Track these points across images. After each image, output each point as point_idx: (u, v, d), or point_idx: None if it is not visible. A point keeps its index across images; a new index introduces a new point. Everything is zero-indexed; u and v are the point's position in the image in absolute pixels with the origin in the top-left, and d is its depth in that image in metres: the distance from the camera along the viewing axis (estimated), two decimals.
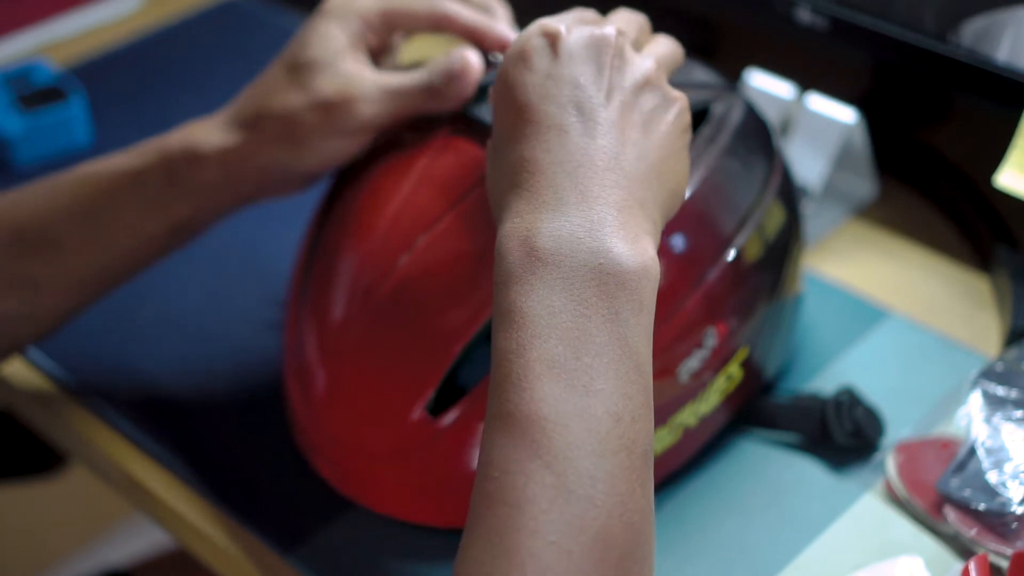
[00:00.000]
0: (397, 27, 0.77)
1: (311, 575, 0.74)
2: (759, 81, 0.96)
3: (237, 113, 0.76)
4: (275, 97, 0.75)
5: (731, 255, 0.74)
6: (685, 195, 0.67)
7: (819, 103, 0.94)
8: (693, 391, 0.74)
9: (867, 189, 0.97)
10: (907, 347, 0.85)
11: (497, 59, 0.77)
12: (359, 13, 0.75)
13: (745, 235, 0.75)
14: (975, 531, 0.72)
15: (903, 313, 0.88)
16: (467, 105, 0.75)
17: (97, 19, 1.22)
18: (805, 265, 0.84)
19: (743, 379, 0.77)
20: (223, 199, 0.77)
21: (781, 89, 0.95)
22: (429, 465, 0.72)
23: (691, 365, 0.73)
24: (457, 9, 0.76)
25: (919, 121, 1.04)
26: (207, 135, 0.76)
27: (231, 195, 0.77)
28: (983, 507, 0.72)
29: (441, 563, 0.74)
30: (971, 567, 0.68)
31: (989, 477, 0.73)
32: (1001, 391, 0.77)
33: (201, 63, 1.16)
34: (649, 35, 0.70)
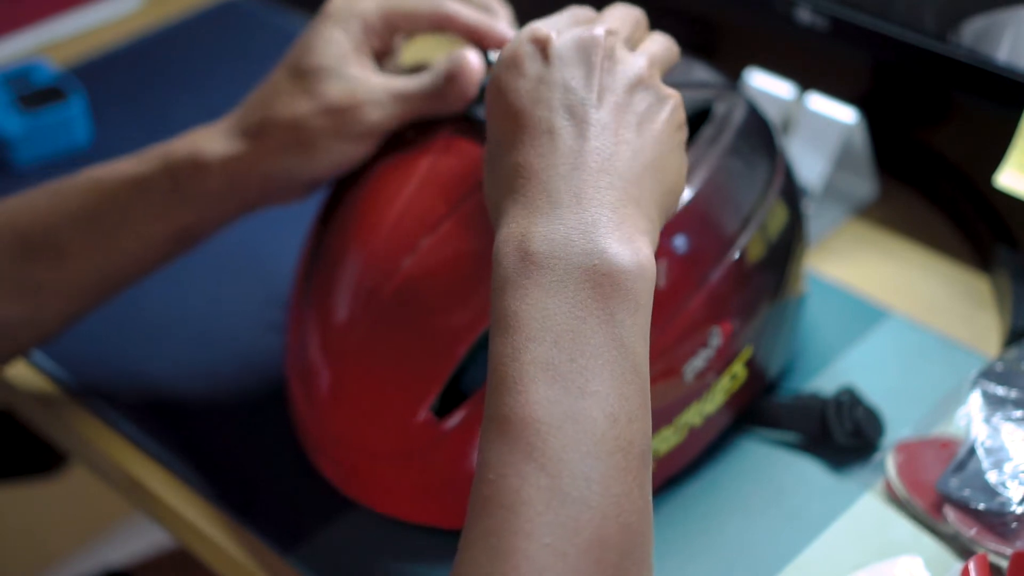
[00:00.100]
0: (398, 29, 0.77)
1: (311, 575, 0.74)
2: (759, 81, 0.96)
3: (241, 120, 0.76)
4: (281, 104, 0.74)
5: (735, 255, 0.74)
6: (683, 192, 0.67)
7: (819, 103, 0.94)
8: (698, 391, 0.74)
9: (867, 189, 0.97)
10: (907, 347, 0.85)
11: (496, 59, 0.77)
12: (360, 16, 0.75)
13: (748, 235, 0.75)
14: (975, 531, 0.72)
15: (903, 313, 0.88)
16: (469, 106, 0.75)
17: (97, 19, 1.22)
18: (806, 265, 0.84)
19: (747, 379, 0.77)
20: (227, 207, 0.77)
21: (781, 89, 0.95)
22: (433, 466, 0.72)
23: (696, 365, 0.73)
24: (458, 9, 0.76)
25: (919, 121, 1.04)
26: (212, 143, 0.76)
27: (235, 203, 0.77)
28: (983, 507, 0.72)
29: (442, 564, 0.73)
30: (971, 567, 0.68)
31: (989, 477, 0.73)
32: (1001, 391, 0.77)
33: (201, 63, 1.16)
34: (645, 30, 0.70)
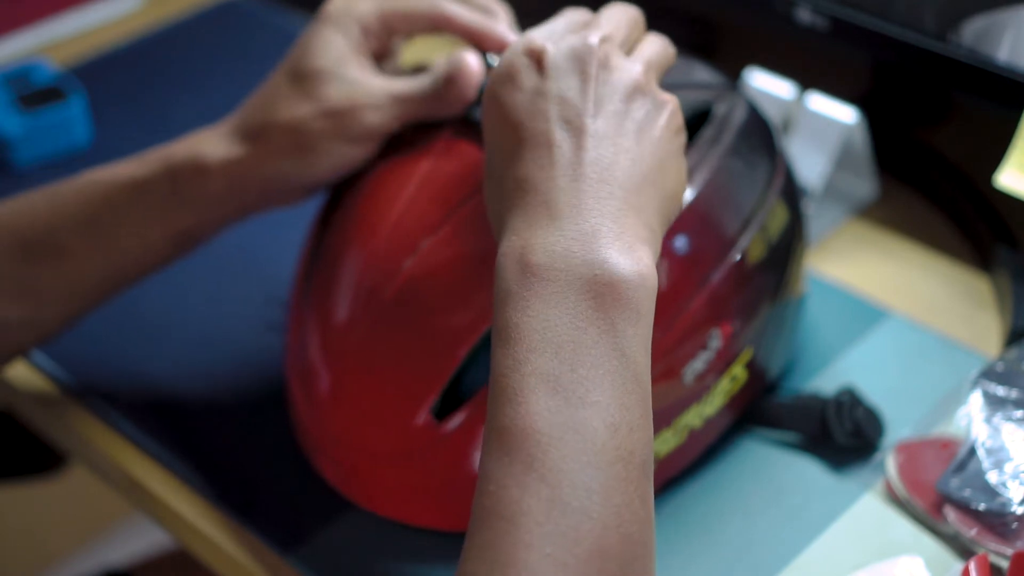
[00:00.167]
0: (396, 30, 0.76)
1: (311, 575, 0.74)
2: (759, 81, 0.96)
3: (242, 124, 0.76)
4: (281, 107, 0.74)
5: (735, 256, 0.74)
6: (684, 198, 0.66)
7: (819, 103, 0.94)
8: (698, 393, 0.74)
9: (867, 189, 0.97)
10: (907, 347, 0.85)
11: (495, 61, 0.77)
12: (358, 18, 0.75)
13: (749, 235, 0.75)
14: (975, 531, 0.72)
15: (903, 313, 0.88)
16: (468, 108, 0.75)
17: (97, 19, 1.22)
18: (806, 265, 0.84)
19: (747, 380, 0.77)
20: (227, 210, 0.77)
21: (781, 89, 0.95)
22: (433, 468, 0.72)
23: (696, 367, 0.73)
24: (455, 10, 0.75)
25: (919, 121, 1.04)
26: (212, 146, 0.76)
27: (235, 206, 0.77)
28: (983, 507, 0.72)
29: (441, 564, 0.73)
30: (971, 567, 0.68)
31: (989, 477, 0.73)
32: (1001, 391, 0.77)
33: (201, 63, 1.16)
34: (642, 30, 0.69)
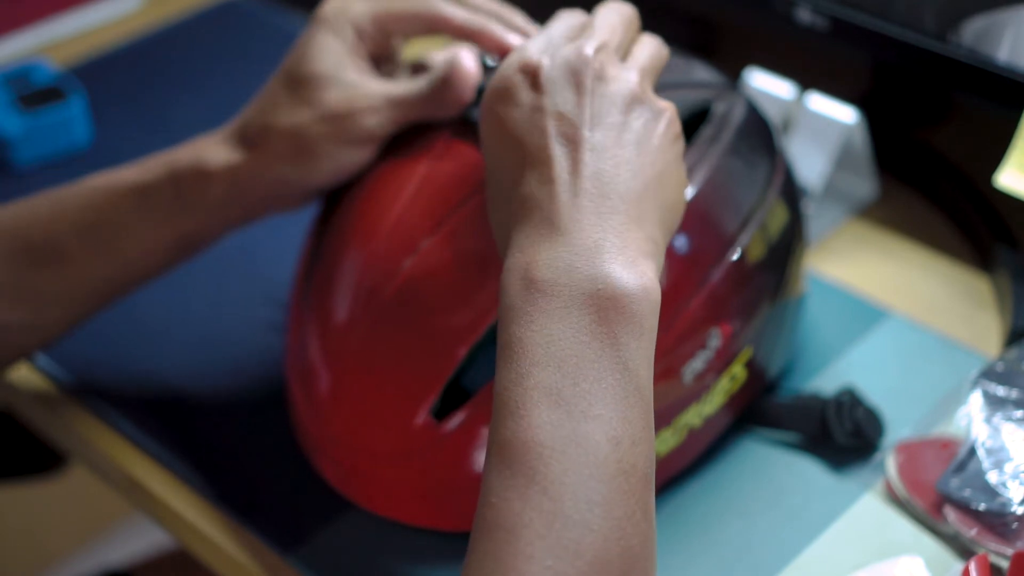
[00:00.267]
0: (392, 31, 0.76)
1: (311, 575, 0.74)
2: (759, 81, 0.96)
3: (243, 129, 0.76)
4: (280, 113, 0.75)
5: (735, 255, 0.74)
6: (684, 207, 0.67)
7: (819, 103, 0.94)
8: (697, 392, 0.74)
9: (867, 189, 0.97)
10: (907, 347, 0.85)
11: (493, 62, 0.77)
12: (352, 21, 0.75)
13: (748, 235, 0.75)
14: (975, 531, 0.72)
15: (903, 313, 0.88)
16: (467, 108, 0.75)
17: (97, 19, 1.22)
18: (806, 265, 0.84)
19: (747, 380, 0.77)
20: (229, 215, 0.77)
21: (781, 89, 0.95)
22: (432, 468, 0.72)
23: (695, 366, 0.73)
24: (451, 11, 0.75)
25: (919, 121, 1.04)
26: (214, 151, 0.76)
27: (237, 211, 0.77)
28: (983, 507, 0.72)
29: (441, 565, 0.73)
30: (971, 567, 0.68)
31: (989, 477, 0.73)
32: (1001, 391, 0.77)
33: (201, 63, 1.16)
34: (636, 30, 0.69)
